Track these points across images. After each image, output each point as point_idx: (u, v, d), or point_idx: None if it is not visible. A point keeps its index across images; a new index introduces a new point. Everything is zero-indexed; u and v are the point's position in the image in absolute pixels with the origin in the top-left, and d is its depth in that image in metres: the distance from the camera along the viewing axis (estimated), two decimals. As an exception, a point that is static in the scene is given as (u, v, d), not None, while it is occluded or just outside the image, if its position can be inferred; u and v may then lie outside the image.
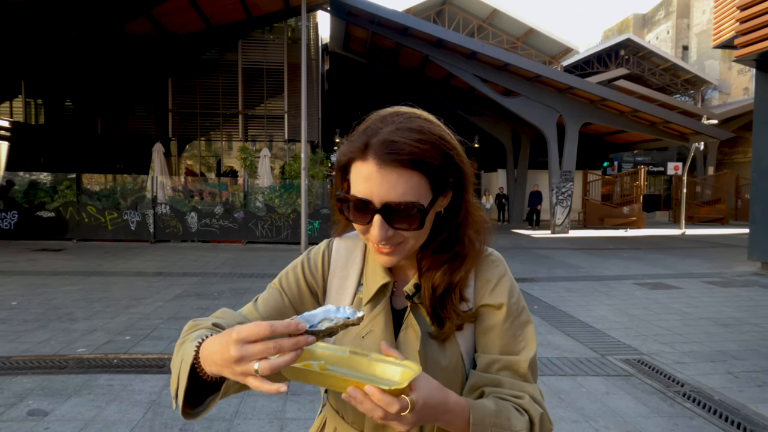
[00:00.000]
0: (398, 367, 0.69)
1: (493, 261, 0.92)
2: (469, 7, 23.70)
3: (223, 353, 0.64)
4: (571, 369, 4.08)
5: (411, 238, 0.82)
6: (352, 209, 0.81)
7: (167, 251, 11.22)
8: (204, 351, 0.69)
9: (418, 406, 0.67)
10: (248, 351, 0.62)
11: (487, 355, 0.87)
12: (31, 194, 12.76)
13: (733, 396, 3.54)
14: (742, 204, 23.51)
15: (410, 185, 0.77)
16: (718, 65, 28.14)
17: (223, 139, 18.40)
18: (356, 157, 0.79)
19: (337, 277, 0.94)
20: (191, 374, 0.72)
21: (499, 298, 0.88)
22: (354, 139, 0.82)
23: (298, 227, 12.46)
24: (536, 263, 9.91)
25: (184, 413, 0.74)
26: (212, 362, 0.67)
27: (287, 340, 0.62)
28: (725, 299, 6.74)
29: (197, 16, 15.31)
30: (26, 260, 9.42)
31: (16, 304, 5.90)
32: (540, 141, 18.12)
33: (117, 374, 3.79)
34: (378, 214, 0.77)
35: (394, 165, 0.76)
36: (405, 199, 0.77)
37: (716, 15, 10.05)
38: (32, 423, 2.99)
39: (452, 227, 0.87)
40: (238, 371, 0.63)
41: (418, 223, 0.79)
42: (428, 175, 0.79)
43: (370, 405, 0.63)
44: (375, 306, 0.88)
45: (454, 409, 0.75)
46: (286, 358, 0.62)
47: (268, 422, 3.07)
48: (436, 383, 0.74)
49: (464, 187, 0.86)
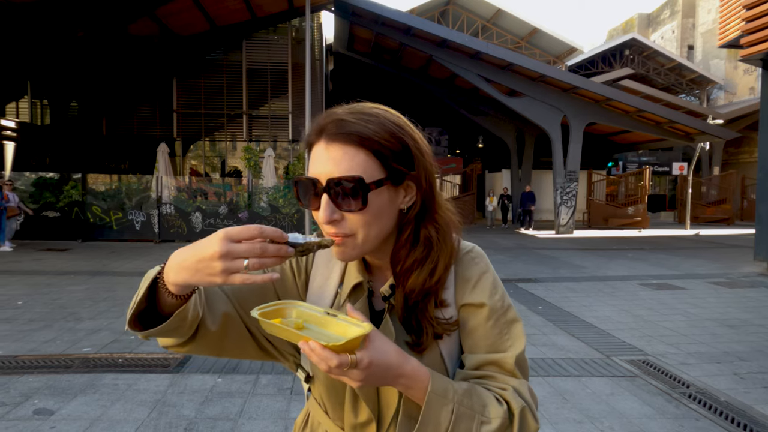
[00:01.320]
0: (356, 327, 0.70)
1: (473, 258, 0.89)
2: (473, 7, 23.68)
3: (203, 252, 0.65)
4: (575, 370, 4.07)
5: (360, 227, 0.78)
6: (302, 192, 0.81)
7: (172, 251, 11.13)
8: (173, 260, 0.69)
9: (364, 364, 0.68)
10: (234, 248, 0.63)
11: (473, 355, 0.85)
12: (37, 194, 12.84)
13: (739, 397, 3.52)
14: (748, 204, 23.38)
15: (356, 161, 0.76)
16: (724, 65, 27.99)
17: (227, 139, 18.46)
18: (313, 142, 0.80)
19: (319, 275, 0.93)
20: (150, 295, 0.74)
21: (479, 296, 0.85)
22: (312, 125, 0.83)
23: (302, 227, 12.49)
24: (540, 263, 9.88)
25: (132, 325, 0.74)
26: (182, 267, 0.67)
27: (271, 245, 0.65)
28: (731, 300, 6.70)
29: (201, 16, 15.36)
30: (32, 260, 9.47)
31: (22, 304, 5.93)
32: (544, 141, 18.10)
33: (122, 373, 3.80)
34: (324, 194, 0.76)
35: (341, 142, 0.76)
36: (347, 172, 0.75)
37: (722, 14, 10.00)
38: (38, 422, 3.00)
39: (417, 223, 0.83)
40: (220, 268, 0.64)
41: (361, 201, 0.75)
42: (377, 155, 0.77)
43: (316, 359, 0.65)
44: (354, 305, 0.86)
45: (412, 375, 0.74)
46: (272, 260, 0.65)
47: (273, 422, 3.07)
48: (395, 347, 0.73)
49: (427, 181, 0.83)
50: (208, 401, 3.35)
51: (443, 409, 0.75)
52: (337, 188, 0.75)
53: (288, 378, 3.77)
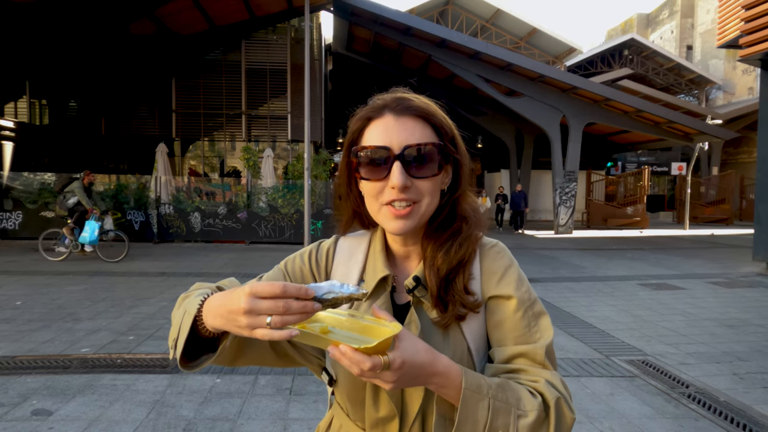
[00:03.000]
0: (384, 327, 0.70)
1: (498, 252, 0.92)
2: (472, 7, 23.68)
3: (231, 305, 0.67)
4: (575, 370, 4.06)
5: (426, 194, 0.82)
6: (367, 164, 0.83)
7: (171, 251, 11.24)
8: (209, 304, 0.73)
9: (396, 365, 0.68)
10: (258, 305, 0.65)
11: (501, 348, 0.85)
12: (36, 194, 12.81)
13: (738, 397, 3.52)
14: (747, 204, 23.41)
15: (426, 133, 0.83)
16: (723, 65, 28.02)
17: (226, 139, 18.43)
18: (373, 117, 0.84)
19: (339, 274, 0.94)
20: (192, 326, 0.76)
21: (506, 289, 0.86)
22: (367, 105, 0.87)
23: (302, 227, 12.48)
24: (540, 263, 9.89)
25: (181, 364, 0.78)
26: (217, 315, 0.71)
27: (295, 303, 0.65)
28: (730, 300, 6.71)
29: (201, 16, 15.34)
30: (30, 260, 9.46)
31: (21, 304, 5.92)
32: (543, 141, 18.10)
33: (121, 374, 3.79)
34: (397, 161, 0.80)
35: (411, 115, 0.83)
36: (424, 140, 0.81)
37: (721, 14, 10.00)
38: (37, 422, 3.00)
39: (453, 200, 0.89)
40: (245, 323, 0.66)
41: (437, 167, 0.82)
42: (438, 133, 0.84)
43: (347, 362, 0.66)
44: (375, 301, 0.88)
45: (444, 373, 0.74)
46: (295, 317, 0.66)
47: (272, 422, 3.07)
48: (424, 345, 0.73)
49: (461, 165, 0.88)
50: (206, 401, 3.34)
51: (479, 404, 0.75)
52: (412, 155, 0.80)
53: (287, 378, 3.76)
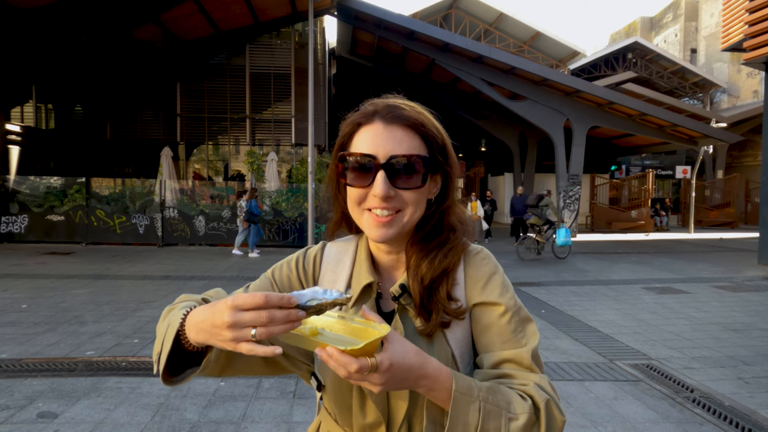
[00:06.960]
0: (373, 329, 0.69)
1: (482, 259, 0.91)
2: (476, 11, 23.70)
3: (214, 319, 0.66)
4: (578, 374, 4.05)
5: (410, 205, 0.82)
6: (352, 170, 0.82)
7: (175, 255, 11.28)
8: (192, 319, 0.72)
9: (384, 367, 0.67)
10: (241, 318, 0.64)
11: (489, 353, 0.85)
12: (41, 198, 12.90)
13: (743, 402, 3.51)
14: (752, 208, 23.30)
15: (414, 144, 0.81)
16: (727, 68, 27.94)
17: (230, 143, 18.51)
18: (363, 122, 0.83)
19: (326, 281, 0.94)
20: (175, 341, 0.75)
21: (491, 295, 0.86)
22: (359, 111, 0.85)
23: (305, 231, 12.50)
24: (543, 267, 9.86)
25: (164, 378, 0.77)
26: (200, 329, 0.69)
27: (279, 312, 0.64)
28: (735, 304, 6.68)
29: (205, 21, 15.44)
30: (36, 263, 9.51)
31: (26, 307, 5.95)
32: (547, 145, 18.07)
33: (125, 377, 3.81)
34: (381, 170, 0.79)
35: (401, 124, 0.81)
36: (410, 152, 0.80)
37: (725, 18, 9.99)
38: (42, 425, 3.01)
39: (440, 211, 0.88)
40: (229, 336, 0.65)
41: (421, 179, 0.81)
42: (427, 143, 0.83)
43: (334, 364, 0.65)
44: (360, 308, 0.87)
45: (434, 375, 0.73)
46: (279, 327, 0.64)
47: (275, 426, 3.07)
48: (414, 348, 0.73)
49: (451, 176, 0.89)
50: (211, 405, 3.35)
51: (470, 407, 0.74)
52: (398, 165, 0.80)
53: (291, 382, 3.77)
